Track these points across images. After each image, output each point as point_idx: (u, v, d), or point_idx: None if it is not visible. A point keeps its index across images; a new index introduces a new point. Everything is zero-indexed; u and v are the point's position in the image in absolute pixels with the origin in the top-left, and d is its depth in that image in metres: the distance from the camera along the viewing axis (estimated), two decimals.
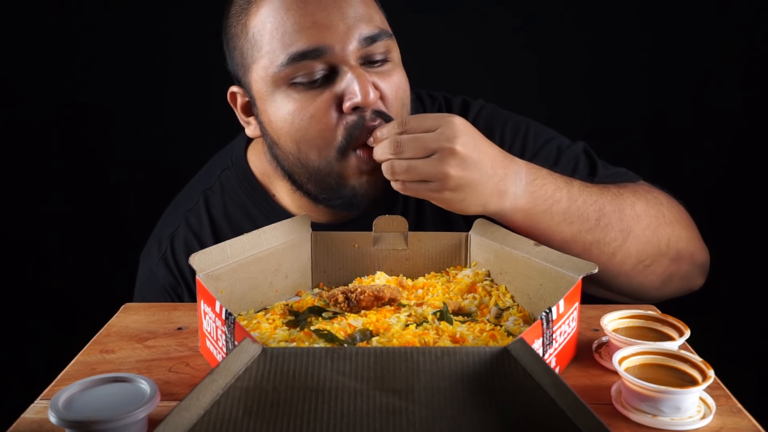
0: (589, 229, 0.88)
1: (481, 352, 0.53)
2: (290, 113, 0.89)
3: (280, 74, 0.88)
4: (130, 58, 1.68)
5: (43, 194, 1.74)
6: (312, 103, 0.88)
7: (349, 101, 0.86)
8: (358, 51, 0.88)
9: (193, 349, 0.76)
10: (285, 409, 0.49)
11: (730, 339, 1.68)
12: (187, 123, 1.71)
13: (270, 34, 0.88)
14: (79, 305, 1.72)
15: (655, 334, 0.71)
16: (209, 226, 1.04)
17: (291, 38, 0.86)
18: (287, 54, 0.87)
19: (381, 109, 0.89)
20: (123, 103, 1.71)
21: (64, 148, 1.72)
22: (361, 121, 0.87)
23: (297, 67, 0.87)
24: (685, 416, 0.60)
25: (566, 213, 0.86)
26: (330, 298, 0.78)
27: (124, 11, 1.66)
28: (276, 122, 0.92)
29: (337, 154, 0.89)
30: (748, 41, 1.65)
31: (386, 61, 0.92)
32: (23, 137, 1.71)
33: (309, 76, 0.87)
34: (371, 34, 0.88)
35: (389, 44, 0.92)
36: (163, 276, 1.03)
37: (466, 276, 0.85)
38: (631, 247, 0.90)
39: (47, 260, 1.79)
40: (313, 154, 0.91)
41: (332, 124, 0.88)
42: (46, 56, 1.67)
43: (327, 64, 0.87)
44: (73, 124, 1.72)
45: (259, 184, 1.05)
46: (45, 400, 0.65)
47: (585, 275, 0.70)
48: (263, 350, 0.53)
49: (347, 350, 0.53)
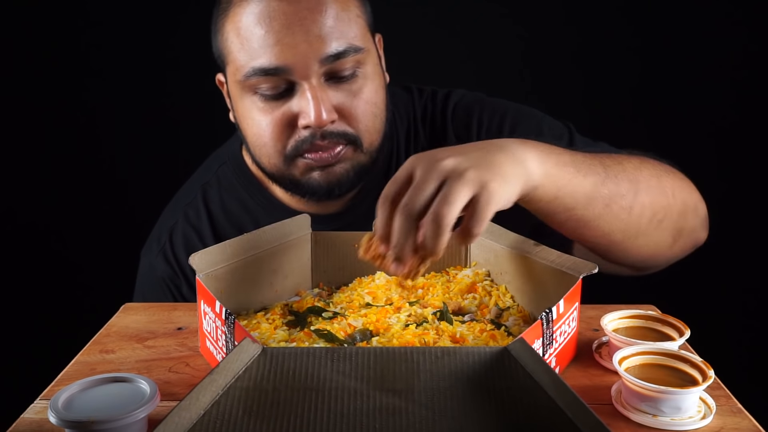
0: (603, 180, 0.81)
1: (481, 352, 0.53)
2: (252, 118, 0.94)
3: (246, 83, 0.92)
4: (133, 56, 1.68)
5: (44, 194, 1.74)
6: (270, 114, 0.92)
7: (303, 120, 0.90)
8: (320, 69, 0.89)
9: (193, 349, 0.76)
10: (285, 409, 0.49)
11: (730, 339, 1.68)
12: (188, 123, 1.71)
13: (239, 44, 0.91)
14: (79, 305, 1.72)
15: (655, 334, 0.71)
16: (207, 219, 1.06)
17: (255, 53, 0.89)
18: (250, 67, 0.90)
19: (338, 130, 0.91)
20: (123, 103, 1.71)
21: (64, 148, 1.72)
22: (311, 138, 0.91)
23: (260, 80, 0.90)
24: (685, 416, 0.60)
25: (575, 164, 0.79)
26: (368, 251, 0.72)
27: (130, 8, 1.66)
28: (242, 122, 0.97)
29: (285, 161, 0.94)
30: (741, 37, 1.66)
31: (355, 75, 0.92)
32: (23, 137, 1.71)
33: (272, 89, 0.91)
34: (335, 52, 0.89)
35: (359, 58, 0.92)
36: (161, 269, 1.04)
37: (466, 276, 0.85)
38: (644, 198, 0.85)
39: (47, 260, 1.79)
40: (264, 159, 0.96)
41: (284, 137, 0.93)
42: (51, 54, 1.67)
43: (288, 81, 0.90)
44: (74, 124, 1.72)
45: (255, 177, 1.07)
46: (45, 400, 0.65)
47: (585, 275, 0.70)
48: (263, 350, 0.53)
49: (347, 350, 0.53)
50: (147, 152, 1.73)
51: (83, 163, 1.73)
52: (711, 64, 1.68)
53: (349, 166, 0.95)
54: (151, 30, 1.67)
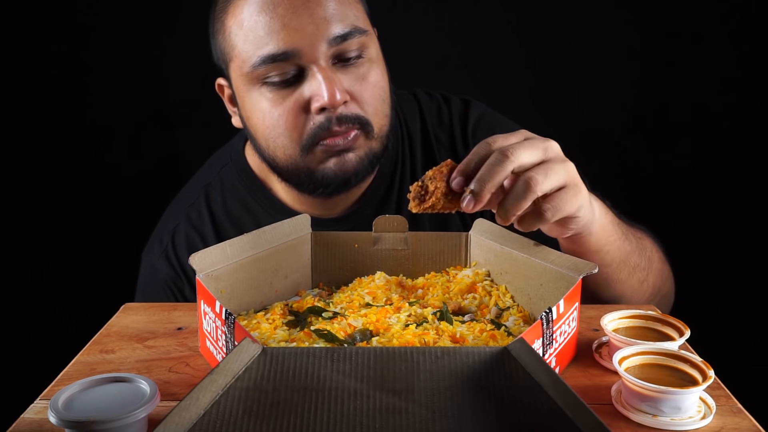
0: (634, 250, 0.88)
1: (481, 352, 0.53)
2: (262, 111, 0.93)
3: (253, 74, 0.91)
4: (131, 57, 1.68)
5: (44, 194, 1.74)
6: (282, 102, 0.91)
7: (316, 102, 0.89)
8: (328, 51, 0.90)
9: (193, 349, 0.76)
10: (285, 409, 0.49)
11: (730, 339, 1.68)
12: (188, 124, 1.71)
13: (244, 35, 0.90)
14: (79, 305, 1.72)
15: (655, 334, 0.71)
16: (210, 220, 1.05)
17: (262, 41, 0.89)
18: (258, 56, 0.89)
19: (351, 113, 0.91)
20: (123, 103, 1.71)
21: (64, 148, 1.73)
22: (327, 123, 0.90)
23: (268, 68, 0.90)
24: (685, 416, 0.60)
25: (621, 227, 0.86)
26: None
27: (127, 9, 1.66)
28: (252, 118, 0.96)
29: (302, 151, 0.93)
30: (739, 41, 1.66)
31: (360, 57, 0.93)
32: (23, 137, 1.71)
33: (281, 76, 0.90)
34: (341, 33, 0.90)
35: (364, 41, 0.93)
36: (164, 270, 1.04)
37: (466, 276, 0.85)
38: (654, 278, 0.93)
39: (47, 260, 1.79)
40: (279, 151, 0.95)
41: (299, 125, 0.91)
42: (48, 55, 1.67)
43: (297, 66, 0.90)
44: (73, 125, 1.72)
45: (257, 178, 1.06)
46: (45, 400, 0.65)
47: (585, 275, 0.70)
48: (263, 350, 0.53)
49: (347, 350, 0.53)
50: (146, 153, 1.73)
51: (83, 163, 1.73)
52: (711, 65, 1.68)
53: (362, 154, 0.95)
54: (150, 31, 1.67)
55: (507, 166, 0.67)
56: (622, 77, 1.71)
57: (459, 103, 1.10)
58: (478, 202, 0.68)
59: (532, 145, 0.70)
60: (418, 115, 1.09)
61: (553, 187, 0.69)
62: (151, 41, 1.67)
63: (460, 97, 1.12)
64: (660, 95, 1.71)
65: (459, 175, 0.69)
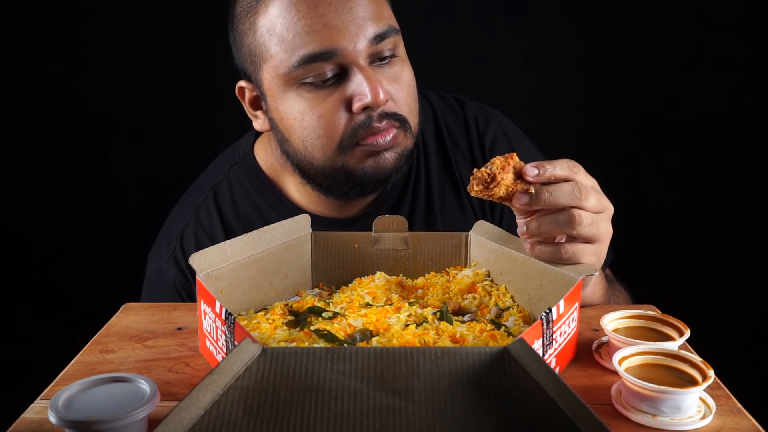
0: (610, 296, 0.95)
1: (481, 352, 0.53)
2: (300, 112, 0.91)
3: (292, 75, 0.89)
4: (134, 57, 1.68)
5: (44, 194, 1.74)
6: (322, 103, 0.90)
7: (359, 102, 0.88)
8: (368, 50, 0.89)
9: (193, 349, 0.76)
10: (285, 409, 0.49)
11: (730, 339, 1.68)
12: (188, 124, 1.71)
13: (280, 35, 0.89)
14: (79, 305, 1.72)
15: (655, 334, 0.71)
16: (219, 221, 1.04)
17: (302, 40, 0.87)
18: (299, 56, 0.88)
19: (391, 111, 0.91)
20: (124, 103, 1.71)
21: (64, 149, 1.73)
22: (369, 121, 0.90)
23: (308, 69, 0.88)
24: (685, 416, 0.60)
25: (608, 281, 0.95)
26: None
27: (131, 10, 1.66)
28: (287, 120, 0.94)
29: (340, 151, 0.92)
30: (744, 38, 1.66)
31: (394, 56, 0.93)
32: (23, 137, 1.72)
33: (320, 76, 0.89)
34: (380, 32, 0.90)
35: (396, 40, 0.93)
36: (173, 274, 1.02)
37: (466, 276, 0.85)
38: None
39: (48, 260, 1.79)
40: (318, 152, 0.93)
41: (340, 124, 0.90)
42: (52, 56, 1.67)
43: (337, 65, 0.89)
44: (75, 125, 1.72)
45: (268, 178, 1.05)
46: (45, 400, 0.65)
47: (585, 275, 0.70)
48: (263, 350, 0.53)
49: (347, 350, 0.53)
50: (148, 153, 1.73)
51: (84, 163, 1.73)
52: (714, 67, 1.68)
53: (399, 152, 0.94)
54: (153, 31, 1.67)
55: (574, 202, 0.72)
56: (622, 77, 1.72)
57: (474, 108, 1.11)
58: (545, 245, 0.74)
59: (602, 197, 0.74)
60: (431, 118, 1.09)
61: (588, 236, 0.73)
62: (155, 42, 1.67)
63: (476, 103, 1.12)
64: (662, 95, 1.72)
65: (535, 168, 0.72)
